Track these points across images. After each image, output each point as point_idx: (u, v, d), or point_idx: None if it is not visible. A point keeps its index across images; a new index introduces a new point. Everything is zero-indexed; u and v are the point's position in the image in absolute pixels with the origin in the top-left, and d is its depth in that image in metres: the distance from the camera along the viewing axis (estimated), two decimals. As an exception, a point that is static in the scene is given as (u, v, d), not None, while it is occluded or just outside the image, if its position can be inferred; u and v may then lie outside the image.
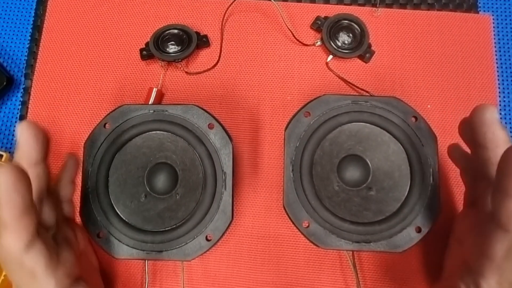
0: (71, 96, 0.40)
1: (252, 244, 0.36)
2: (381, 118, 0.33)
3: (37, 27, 0.42)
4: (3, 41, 0.42)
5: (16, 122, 0.40)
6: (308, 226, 0.31)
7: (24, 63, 0.41)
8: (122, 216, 0.33)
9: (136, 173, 0.33)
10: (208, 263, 0.36)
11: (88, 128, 0.39)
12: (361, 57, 0.40)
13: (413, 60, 0.40)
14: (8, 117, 0.40)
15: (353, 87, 0.40)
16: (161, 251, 0.32)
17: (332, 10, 0.41)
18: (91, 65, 0.41)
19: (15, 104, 0.40)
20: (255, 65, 0.40)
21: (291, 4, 0.42)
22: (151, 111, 0.34)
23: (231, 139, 0.33)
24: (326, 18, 0.40)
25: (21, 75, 0.41)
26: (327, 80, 0.40)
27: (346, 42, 0.40)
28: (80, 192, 0.33)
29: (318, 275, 0.36)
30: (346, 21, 0.40)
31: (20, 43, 0.42)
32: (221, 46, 0.41)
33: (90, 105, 0.40)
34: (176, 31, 0.40)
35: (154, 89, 0.39)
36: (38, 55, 0.41)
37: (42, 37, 0.42)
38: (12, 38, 0.42)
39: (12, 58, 0.42)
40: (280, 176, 0.37)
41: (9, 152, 0.37)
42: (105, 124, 0.34)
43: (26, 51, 0.42)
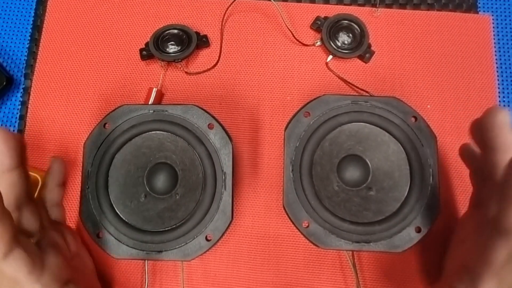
0: (71, 96, 0.40)
1: (252, 244, 0.36)
2: (381, 118, 0.33)
3: (37, 27, 0.42)
4: (3, 41, 0.42)
5: (16, 122, 0.40)
6: (308, 226, 0.32)
7: (24, 63, 0.41)
8: (122, 216, 0.33)
9: (136, 173, 0.33)
10: (208, 263, 0.36)
11: (88, 128, 0.39)
12: (361, 57, 0.40)
13: (413, 60, 0.40)
14: (8, 117, 0.40)
15: (353, 87, 0.40)
16: (160, 251, 0.32)
17: (332, 10, 0.41)
18: (91, 65, 0.41)
19: (14, 104, 0.40)
20: (255, 65, 0.40)
21: (291, 4, 0.42)
22: (151, 111, 0.34)
23: (231, 139, 0.33)
24: (326, 18, 0.40)
25: (21, 75, 0.41)
26: (327, 80, 0.40)
27: (346, 42, 0.40)
28: (80, 192, 0.33)
29: (318, 275, 0.36)
30: (346, 21, 0.40)
31: (20, 43, 0.42)
32: (221, 46, 0.41)
33: (90, 105, 0.40)
34: (176, 31, 0.40)
35: (154, 89, 0.39)
36: (38, 55, 0.41)
37: (42, 37, 0.42)
38: (12, 38, 0.42)
39: (12, 58, 0.42)
40: (280, 176, 0.37)
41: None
42: (105, 124, 0.34)
43: (26, 51, 0.42)
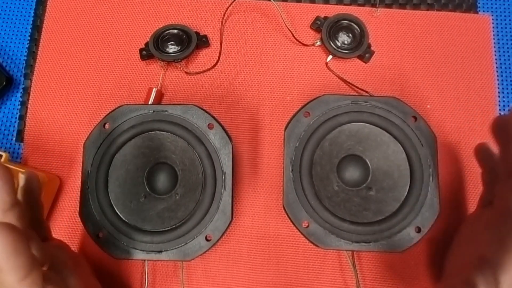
0: (70, 96, 0.40)
1: (252, 244, 0.36)
2: (380, 118, 0.33)
3: (37, 27, 0.42)
4: (3, 41, 0.42)
5: (16, 122, 0.40)
6: (307, 226, 0.32)
7: (23, 63, 0.41)
8: (121, 216, 0.33)
9: (136, 173, 0.33)
10: (208, 263, 0.36)
11: (87, 128, 0.39)
12: (361, 57, 0.40)
13: (413, 60, 0.40)
14: (7, 117, 0.40)
15: (353, 87, 0.40)
16: (160, 251, 0.32)
17: (331, 10, 0.41)
18: (90, 65, 0.41)
19: (14, 104, 0.40)
20: (254, 65, 0.40)
21: (290, 4, 0.42)
22: (150, 111, 0.34)
23: (230, 139, 0.33)
24: (325, 18, 0.40)
25: (21, 75, 0.41)
26: (327, 80, 0.40)
27: (345, 42, 0.40)
28: (79, 192, 0.33)
29: (318, 275, 0.36)
30: (345, 21, 0.40)
31: (19, 43, 0.42)
32: (220, 46, 0.41)
33: (89, 105, 0.40)
34: (175, 31, 0.40)
35: (154, 89, 0.39)
36: (38, 55, 0.41)
37: (42, 37, 0.42)
38: (12, 38, 0.42)
39: (12, 58, 0.42)
40: (280, 176, 0.37)
41: (9, 152, 0.37)
42: (104, 124, 0.34)
43: (26, 51, 0.42)
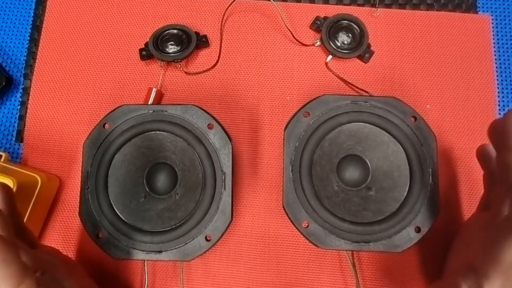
0: (70, 96, 0.40)
1: (252, 244, 0.36)
2: (380, 118, 0.33)
3: (36, 27, 0.42)
4: (2, 41, 0.42)
5: (15, 122, 0.40)
6: (307, 226, 0.32)
7: (23, 63, 0.41)
8: (121, 216, 0.33)
9: (136, 173, 0.33)
10: (208, 263, 0.36)
11: (87, 128, 0.39)
12: (361, 57, 0.40)
13: (413, 60, 0.40)
14: (7, 117, 0.40)
15: (353, 87, 0.40)
16: (160, 251, 0.32)
17: (331, 10, 0.41)
18: (90, 65, 0.41)
19: (14, 104, 0.40)
20: (254, 65, 0.40)
21: (290, 4, 0.42)
22: (150, 111, 0.34)
23: (230, 139, 0.33)
24: (325, 18, 0.40)
25: (20, 75, 0.41)
26: (327, 80, 0.40)
27: (345, 42, 0.40)
28: (79, 193, 0.33)
29: (318, 275, 0.36)
30: (345, 21, 0.40)
31: (19, 43, 0.42)
32: (220, 46, 0.41)
33: (89, 105, 0.40)
34: (175, 31, 0.40)
35: (154, 89, 0.39)
36: (37, 55, 0.41)
37: (41, 37, 0.41)
38: (11, 38, 0.42)
39: (11, 58, 0.42)
40: (280, 176, 0.37)
41: (8, 153, 0.37)
42: (104, 124, 0.34)
43: (25, 51, 0.42)
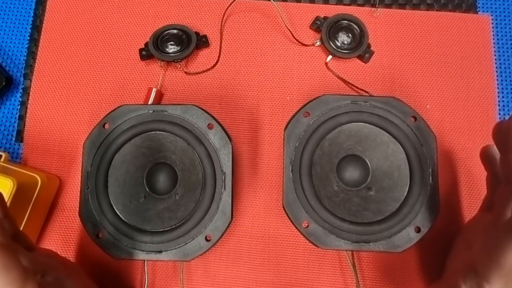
0: (70, 96, 0.40)
1: (252, 244, 0.36)
2: (380, 118, 0.33)
3: (36, 27, 0.42)
4: (2, 41, 0.42)
5: (15, 122, 0.40)
6: (307, 226, 0.32)
7: (23, 63, 0.41)
8: (121, 216, 0.33)
9: (136, 173, 0.33)
10: (208, 263, 0.36)
11: (87, 128, 0.39)
12: (361, 57, 0.40)
13: (413, 60, 0.40)
14: (7, 117, 0.40)
15: (353, 87, 0.40)
16: (160, 252, 0.32)
17: (331, 10, 0.41)
18: (90, 65, 0.41)
19: (14, 104, 0.40)
20: (254, 65, 0.40)
21: (290, 4, 0.42)
22: (150, 111, 0.34)
23: (230, 139, 0.33)
24: (325, 18, 0.40)
25: (20, 75, 0.41)
26: (327, 80, 0.40)
27: (345, 42, 0.40)
28: (79, 193, 0.33)
29: (318, 275, 0.36)
30: (345, 21, 0.40)
31: (19, 43, 0.42)
32: (220, 46, 0.41)
33: (89, 105, 0.40)
34: (175, 31, 0.40)
35: (154, 89, 0.39)
36: (37, 55, 0.41)
37: (41, 37, 0.41)
38: (11, 38, 0.42)
39: (11, 58, 0.42)
40: (280, 176, 0.37)
41: (8, 152, 0.37)
42: (104, 124, 0.34)
43: (25, 51, 0.42)
